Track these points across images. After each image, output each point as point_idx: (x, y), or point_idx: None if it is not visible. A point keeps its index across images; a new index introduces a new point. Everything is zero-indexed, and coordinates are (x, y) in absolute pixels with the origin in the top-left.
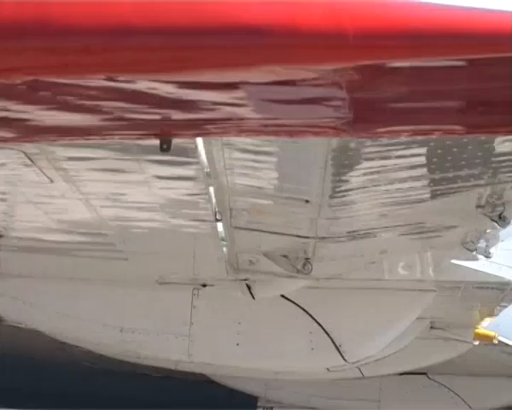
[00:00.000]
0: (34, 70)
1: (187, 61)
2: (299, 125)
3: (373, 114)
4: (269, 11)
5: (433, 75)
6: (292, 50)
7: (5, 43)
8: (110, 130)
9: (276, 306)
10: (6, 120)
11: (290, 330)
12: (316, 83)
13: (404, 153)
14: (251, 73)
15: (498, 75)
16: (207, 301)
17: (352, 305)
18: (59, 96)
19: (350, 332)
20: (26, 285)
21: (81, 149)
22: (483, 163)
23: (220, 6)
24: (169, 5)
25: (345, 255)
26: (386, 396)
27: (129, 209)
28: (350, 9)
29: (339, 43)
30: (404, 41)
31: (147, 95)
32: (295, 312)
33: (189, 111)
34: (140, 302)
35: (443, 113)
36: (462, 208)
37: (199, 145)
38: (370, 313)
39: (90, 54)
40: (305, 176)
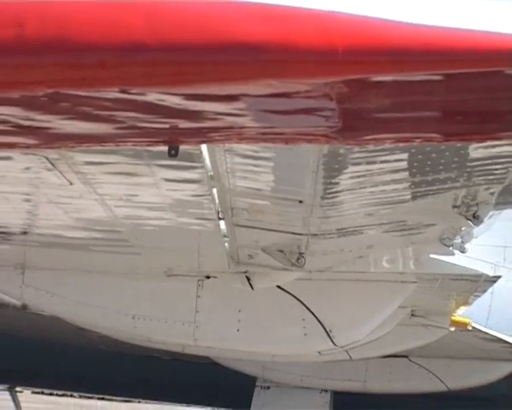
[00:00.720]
0: (55, 83)
1: (192, 75)
2: (294, 133)
3: (360, 123)
4: (266, 30)
5: (414, 88)
6: (287, 66)
7: (30, 59)
8: (123, 137)
9: (273, 295)
10: (30, 128)
11: (285, 317)
12: (308, 95)
13: (387, 158)
14: (250, 86)
15: (472, 88)
16: (211, 292)
17: (341, 295)
18: (77, 106)
19: (339, 319)
20: (48, 277)
21: (97, 155)
22: (459, 168)
23: (222, 26)
24: (176, 25)
25: (334, 250)
26: (371, 377)
27: (140, 209)
28: (339, 28)
29: (329, 60)
30: (387, 57)
31: (156, 106)
32: (290, 301)
33: (194, 120)
34: (150, 292)
35: (422, 122)
36: (440, 208)
37: (203, 151)
38: (357, 302)
39: (105, 69)
40: (299, 179)
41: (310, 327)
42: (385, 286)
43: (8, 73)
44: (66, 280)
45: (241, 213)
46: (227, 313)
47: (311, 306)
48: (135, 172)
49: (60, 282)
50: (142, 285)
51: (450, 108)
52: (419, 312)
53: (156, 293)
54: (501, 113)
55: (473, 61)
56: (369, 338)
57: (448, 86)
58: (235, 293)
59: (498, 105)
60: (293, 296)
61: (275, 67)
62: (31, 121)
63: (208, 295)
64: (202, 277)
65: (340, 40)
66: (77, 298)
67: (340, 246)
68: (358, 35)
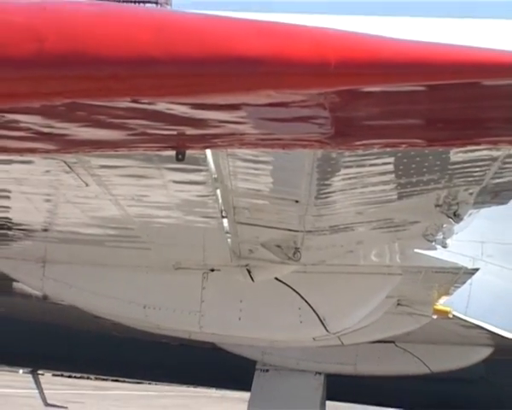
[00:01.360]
0: (72, 94)
1: (198, 86)
2: (290, 138)
3: (351, 129)
4: (265, 45)
5: (400, 98)
6: (284, 78)
7: (49, 72)
8: (135, 143)
9: (272, 287)
10: (50, 135)
11: (283, 306)
12: (303, 104)
13: (376, 162)
14: (250, 96)
15: (453, 98)
16: (215, 283)
17: (334, 286)
18: (93, 115)
19: (332, 308)
20: (66, 270)
21: (111, 159)
22: (441, 170)
23: (225, 41)
24: (183, 40)
25: (327, 245)
26: (361, 360)
27: (150, 208)
28: (332, 44)
29: (322, 72)
30: (375, 70)
31: (165, 114)
32: (287, 292)
33: (199, 127)
34: (160, 284)
35: (408, 129)
36: (424, 207)
37: (208, 155)
38: (348, 293)
39: (118, 80)
40: (295, 181)
41: (305, 315)
42: (373, 278)
43: (30, 84)
44: (82, 273)
45: (243, 211)
46: (229, 302)
47: (307, 296)
48: (145, 174)
49: (77, 274)
50: (153, 277)
51: (432, 116)
52: (404, 301)
53: (165, 284)
54: (479, 120)
55: (453, 74)
56: (359, 325)
57: (431, 96)
58: (237, 284)
59: (477, 113)
60: (289, 287)
61: (273, 78)
62: (50, 128)
63: (212, 287)
64: (207, 270)
65: (332, 54)
66: (92, 289)
67: (332, 242)
68: (349, 49)
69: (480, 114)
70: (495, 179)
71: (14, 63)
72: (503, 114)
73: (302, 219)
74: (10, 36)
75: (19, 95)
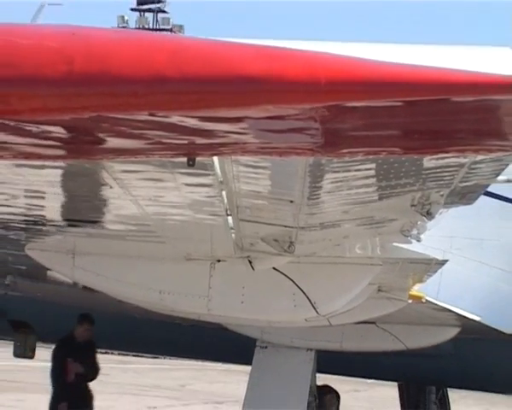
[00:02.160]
0: (98, 108)
1: (206, 102)
2: (286, 147)
3: (338, 139)
4: (264, 67)
5: (380, 112)
6: (280, 95)
7: (78, 90)
8: (152, 151)
9: (270, 275)
10: (78, 143)
11: (279, 292)
12: (297, 117)
13: (360, 167)
14: (251, 110)
15: (426, 112)
16: (221, 272)
17: (323, 274)
18: (115, 126)
19: (322, 294)
20: (93, 261)
21: (131, 164)
22: (415, 175)
23: (230, 63)
24: (193, 62)
25: (318, 240)
26: (346, 339)
27: (165, 207)
28: (322, 65)
29: (314, 90)
30: (359, 88)
31: (177, 126)
32: (283, 279)
33: (207, 137)
34: (173, 272)
35: (387, 139)
36: (401, 207)
37: (214, 161)
38: (336, 280)
39: (137, 97)
40: (290, 183)
41: (298, 300)
42: (357, 268)
43: (62, 100)
44: (107, 263)
45: (245, 210)
46: (233, 288)
47: (300, 283)
48: (161, 178)
49: (103, 264)
50: (167, 267)
51: (408, 128)
52: (384, 288)
53: (178, 273)
54: (448, 132)
55: (425, 91)
56: (345, 308)
57: (406, 111)
58: (240, 273)
59: (446, 126)
60: (285, 276)
61: (271, 95)
62: (79, 138)
63: (219, 275)
64: (214, 260)
65: (322, 74)
66: (116, 277)
67: (322, 236)
68: (337, 70)
69: (449, 126)
70: (462, 183)
71: (48, 82)
72: (469, 127)
73: (296, 217)
74: (44, 58)
75: (52, 109)
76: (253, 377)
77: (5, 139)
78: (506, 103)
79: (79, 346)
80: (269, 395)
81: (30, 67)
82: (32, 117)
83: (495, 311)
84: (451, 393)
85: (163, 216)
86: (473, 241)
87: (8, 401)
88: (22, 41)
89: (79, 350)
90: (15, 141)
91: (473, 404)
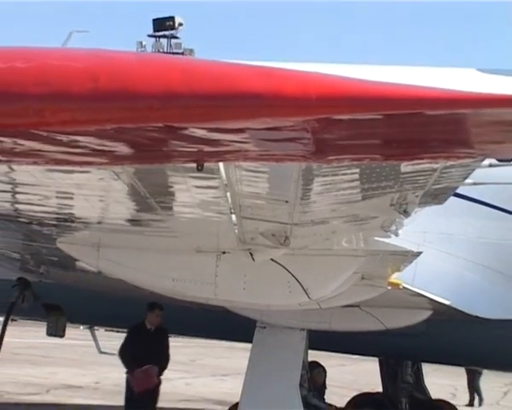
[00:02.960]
0: (119, 121)
1: (213, 115)
2: (282, 154)
3: (327, 148)
4: (263, 85)
5: (363, 124)
6: (277, 109)
7: (102, 104)
8: (166, 157)
9: (268, 265)
10: (102, 151)
11: (276, 280)
12: (292, 128)
13: (346, 172)
14: (252, 122)
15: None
16: (226, 262)
17: (314, 264)
18: (133, 136)
19: (313, 281)
20: (116, 252)
21: (148, 170)
22: (394, 179)
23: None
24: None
25: (309, 234)
26: (335, 320)
27: (178, 206)
28: (313, 83)
29: (306, 104)
30: (345, 103)
31: (188, 136)
32: (279, 269)
33: (214, 146)
34: (185, 263)
35: (369, 147)
36: (381, 206)
37: (220, 167)
38: (325, 270)
39: (153, 111)
40: (285, 186)
41: (293, 287)
42: (344, 259)
43: (88, 114)
44: (128, 254)
45: (246, 209)
46: (236, 276)
47: (294, 272)
48: (174, 181)
49: (123, 256)
50: (180, 258)
51: (387, 138)
52: (367, 276)
53: (188, 263)
54: (422, 141)
55: (401, 106)
56: (333, 294)
57: (386, 123)
58: (242, 263)
59: (420, 136)
60: (281, 266)
61: (269, 109)
62: (102, 146)
63: (224, 265)
64: (220, 252)
65: (313, 91)
66: (135, 266)
67: (313, 232)
68: (326, 88)
69: (423, 136)
70: (434, 185)
71: (76, 98)
72: (440, 137)
73: (290, 215)
74: (73, 77)
75: (79, 121)
76: (254, 354)
77: (39, 147)
78: (470, 116)
79: (151, 333)
80: (267, 368)
81: (61, 84)
82: (62, 128)
83: (461, 296)
84: (425, 366)
85: (176, 214)
86: (443, 235)
87: (43, 373)
88: (54, 62)
89: (151, 337)
90: (48, 149)
91: (442, 376)
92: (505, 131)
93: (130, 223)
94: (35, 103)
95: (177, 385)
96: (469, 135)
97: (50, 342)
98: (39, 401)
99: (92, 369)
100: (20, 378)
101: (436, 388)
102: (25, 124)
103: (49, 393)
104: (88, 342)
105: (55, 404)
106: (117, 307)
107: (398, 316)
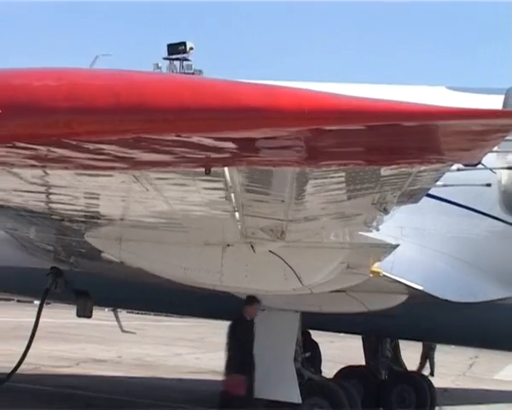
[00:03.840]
0: (137, 131)
1: (219, 126)
2: (278, 160)
3: (318, 154)
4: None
5: (348, 134)
6: (275, 120)
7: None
8: (178, 163)
9: (266, 256)
10: (123, 157)
11: (273, 268)
12: (287, 137)
13: (334, 175)
14: (253, 133)
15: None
16: (230, 254)
17: (306, 255)
18: (150, 144)
19: (305, 270)
20: (135, 245)
21: (163, 173)
22: (375, 181)
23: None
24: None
25: (302, 230)
26: (324, 303)
27: (189, 205)
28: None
29: (299, 117)
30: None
31: (198, 144)
32: (276, 259)
33: (219, 153)
34: (195, 254)
35: (354, 154)
36: (364, 205)
37: (225, 171)
38: (316, 260)
39: (167, 123)
40: (282, 188)
41: (288, 275)
42: (332, 250)
43: (111, 125)
44: (146, 247)
45: (248, 207)
46: (239, 266)
47: (289, 262)
48: (185, 183)
49: (142, 248)
50: (191, 250)
51: (369, 146)
52: (352, 265)
53: (198, 254)
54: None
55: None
56: (323, 281)
57: (368, 133)
58: (244, 255)
59: (398, 144)
60: (278, 256)
61: (268, 121)
62: (123, 153)
63: (228, 256)
64: (225, 245)
65: (306, 105)
66: (152, 257)
67: (305, 227)
68: (317, 103)
69: (400, 144)
70: (410, 187)
71: (100, 111)
72: (415, 145)
73: (286, 212)
74: (98, 93)
75: (103, 132)
76: (255, 332)
77: (69, 154)
78: (441, 127)
79: (248, 324)
80: (266, 345)
81: (87, 100)
82: (89, 138)
83: (433, 282)
84: (401, 343)
85: (187, 212)
86: (417, 230)
87: (73, 349)
88: (82, 81)
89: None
90: (76, 156)
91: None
92: (470, 140)
93: (147, 220)
94: (65, 116)
95: (187, 359)
96: (440, 143)
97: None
98: (70, 372)
99: (115, 345)
100: (53, 353)
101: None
102: (56, 134)
103: (79, 365)
104: (111, 322)
105: (83, 375)
106: (137, 291)
107: (379, 300)
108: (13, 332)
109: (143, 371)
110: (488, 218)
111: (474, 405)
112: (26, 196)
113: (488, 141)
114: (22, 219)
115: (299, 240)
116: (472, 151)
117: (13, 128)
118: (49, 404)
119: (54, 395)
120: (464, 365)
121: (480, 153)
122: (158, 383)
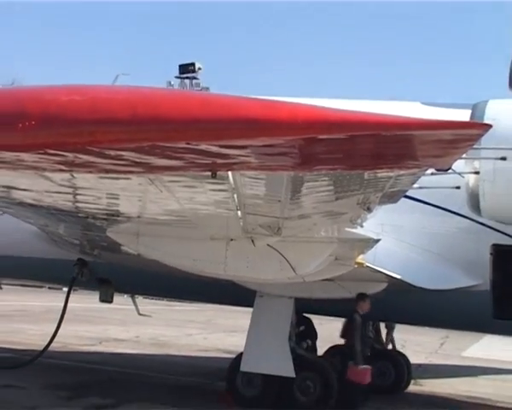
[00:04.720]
0: (152, 139)
1: (224, 136)
2: (275, 165)
3: (310, 160)
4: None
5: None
6: (272, 130)
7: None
8: (187, 168)
9: (265, 249)
10: (140, 163)
11: (271, 260)
12: (283, 145)
13: (324, 178)
14: (252, 141)
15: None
16: (233, 247)
17: (300, 248)
18: (163, 151)
19: (299, 260)
20: (151, 239)
21: (174, 177)
22: (360, 184)
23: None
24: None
25: (296, 226)
26: (315, 290)
27: (197, 204)
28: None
29: (294, 128)
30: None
31: (204, 151)
32: (273, 252)
33: (224, 159)
34: (202, 247)
35: (340, 160)
36: (350, 204)
37: (229, 174)
38: (308, 252)
39: (178, 132)
40: (278, 189)
41: (283, 265)
42: (322, 244)
43: (128, 135)
44: (160, 241)
45: (249, 206)
46: (241, 257)
47: (284, 254)
48: (194, 185)
49: (157, 242)
50: (198, 244)
51: (355, 153)
52: (339, 257)
53: (205, 247)
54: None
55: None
56: (314, 271)
57: (353, 141)
58: (245, 248)
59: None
60: (275, 250)
61: (267, 131)
62: (139, 159)
63: (232, 249)
64: (229, 239)
65: (300, 117)
66: (165, 250)
67: (299, 224)
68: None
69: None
70: (390, 189)
71: (119, 122)
72: (394, 152)
73: (282, 211)
74: (117, 106)
75: (122, 140)
76: (254, 315)
77: (92, 160)
78: (417, 137)
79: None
80: (264, 326)
81: (108, 112)
82: (110, 146)
83: (409, 272)
84: (382, 325)
85: (196, 210)
86: (396, 227)
87: (97, 329)
88: (103, 96)
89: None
90: (99, 161)
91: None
92: (442, 148)
93: (161, 217)
94: (89, 127)
95: (196, 339)
96: (416, 151)
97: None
98: (94, 350)
99: (133, 327)
100: (79, 333)
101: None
102: (81, 142)
103: (102, 344)
104: (130, 306)
105: (105, 352)
106: (152, 280)
107: (363, 287)
108: (45, 315)
109: (158, 349)
110: (457, 216)
111: (445, 378)
112: (56, 196)
113: (458, 149)
114: (52, 217)
115: (294, 235)
116: (444, 158)
117: (44, 137)
118: (75, 376)
119: (79, 369)
120: (436, 343)
121: (451, 159)
122: (170, 359)
